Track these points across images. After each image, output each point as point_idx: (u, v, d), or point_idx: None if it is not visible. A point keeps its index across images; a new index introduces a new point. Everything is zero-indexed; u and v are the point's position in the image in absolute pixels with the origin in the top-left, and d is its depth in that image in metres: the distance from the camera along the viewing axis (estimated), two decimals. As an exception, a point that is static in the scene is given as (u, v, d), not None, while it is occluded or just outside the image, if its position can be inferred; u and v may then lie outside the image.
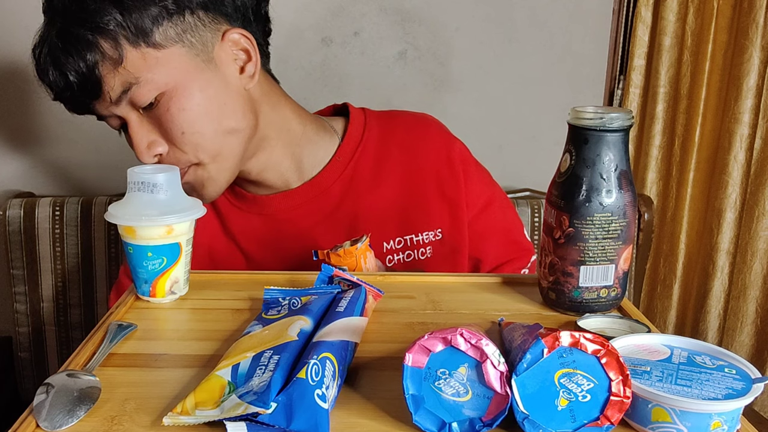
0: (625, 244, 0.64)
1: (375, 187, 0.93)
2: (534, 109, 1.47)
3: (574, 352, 0.45)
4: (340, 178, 0.92)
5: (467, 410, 0.45)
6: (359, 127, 0.95)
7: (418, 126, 0.97)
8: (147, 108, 0.78)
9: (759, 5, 1.36)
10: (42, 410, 0.47)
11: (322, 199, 0.92)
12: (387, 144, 0.94)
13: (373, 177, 0.93)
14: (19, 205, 1.26)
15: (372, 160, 0.93)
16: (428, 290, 0.72)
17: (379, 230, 0.90)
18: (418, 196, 0.93)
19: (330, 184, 0.92)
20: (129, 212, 0.65)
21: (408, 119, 0.98)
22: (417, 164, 0.94)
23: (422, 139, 0.95)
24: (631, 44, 1.48)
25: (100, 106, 0.80)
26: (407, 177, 0.93)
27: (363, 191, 0.92)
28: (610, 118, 0.61)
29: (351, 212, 0.92)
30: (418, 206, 0.93)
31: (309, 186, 0.92)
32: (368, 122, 0.95)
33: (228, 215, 0.93)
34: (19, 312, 1.29)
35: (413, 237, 0.92)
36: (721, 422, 0.45)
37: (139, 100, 0.77)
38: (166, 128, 0.79)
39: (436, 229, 0.93)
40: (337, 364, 0.49)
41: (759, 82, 1.41)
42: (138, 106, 0.78)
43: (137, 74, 0.76)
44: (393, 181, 0.93)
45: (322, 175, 0.92)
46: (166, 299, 0.68)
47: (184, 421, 0.46)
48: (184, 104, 0.78)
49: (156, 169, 0.68)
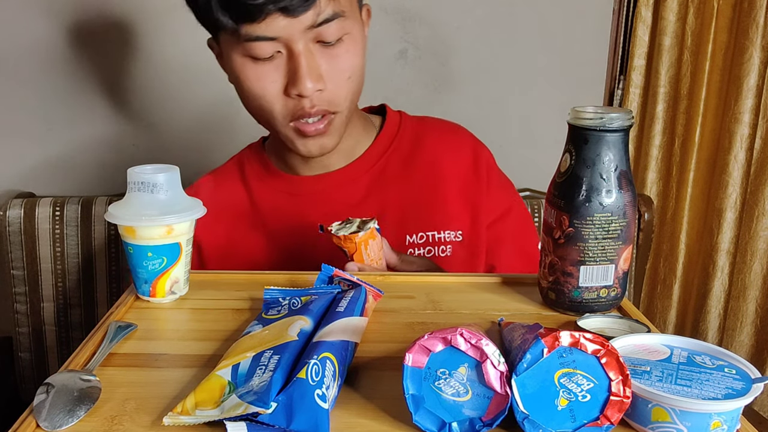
0: (625, 244, 0.64)
1: (402, 183, 0.96)
2: (534, 109, 1.47)
3: (574, 352, 0.45)
4: (371, 170, 0.97)
5: (467, 410, 0.45)
6: (394, 126, 1.00)
7: (449, 131, 1.02)
8: (326, 44, 0.82)
9: (759, 5, 1.36)
10: (42, 410, 0.47)
11: (351, 187, 0.95)
12: (418, 144, 0.99)
13: (402, 173, 0.97)
14: (19, 205, 1.26)
15: (403, 157, 0.98)
16: (428, 290, 0.72)
17: (402, 223, 0.93)
18: (443, 196, 0.97)
19: (361, 174, 0.96)
20: (129, 212, 0.65)
21: (440, 124, 1.03)
22: (444, 166, 0.98)
23: (452, 143, 1.00)
24: (631, 44, 1.48)
25: (285, 23, 0.79)
26: (434, 177, 0.97)
27: (391, 185, 0.96)
28: (610, 118, 0.61)
29: (377, 203, 0.95)
30: (442, 205, 0.96)
31: (342, 173, 0.96)
32: (403, 123, 1.01)
33: (257, 191, 0.97)
34: (19, 312, 1.29)
35: (435, 234, 0.95)
36: (720, 422, 0.45)
37: (330, 34, 0.81)
38: (336, 68, 0.83)
39: (457, 230, 0.96)
40: (337, 364, 0.49)
41: (759, 82, 1.41)
42: (322, 39, 0.81)
43: (345, 9, 0.81)
44: (420, 179, 0.97)
45: (356, 165, 0.96)
46: (166, 299, 0.68)
47: (184, 421, 0.46)
48: (358, 50, 0.85)
49: (156, 169, 0.68)
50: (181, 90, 1.40)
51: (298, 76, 0.81)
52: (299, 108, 0.83)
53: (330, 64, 0.83)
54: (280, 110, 0.85)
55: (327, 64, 0.83)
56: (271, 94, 0.83)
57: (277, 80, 0.83)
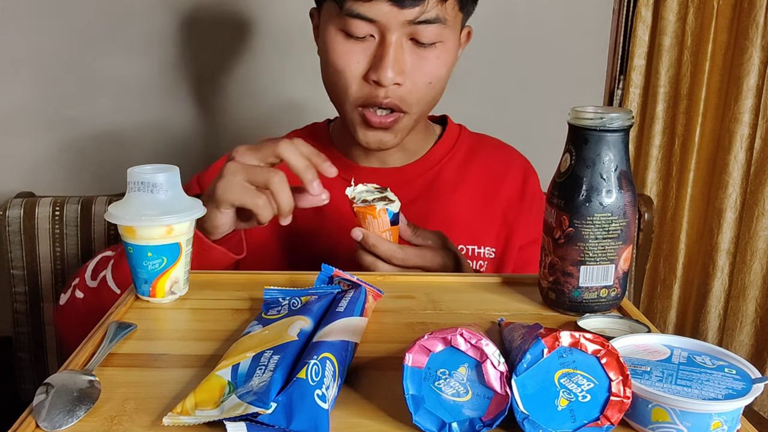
0: (625, 244, 0.64)
1: (452, 193, 0.98)
2: (534, 109, 1.47)
3: (574, 352, 0.45)
4: (424, 175, 0.99)
5: (467, 410, 0.45)
6: (454, 136, 1.03)
7: (503, 151, 1.05)
8: (420, 44, 0.83)
9: (759, 5, 1.36)
10: (42, 410, 0.47)
11: (404, 188, 0.95)
12: (473, 159, 1.02)
13: (453, 184, 0.99)
14: (19, 205, 1.26)
15: (456, 168, 1.00)
16: (428, 290, 0.72)
17: (446, 233, 0.93)
18: (488, 213, 0.99)
19: (415, 177, 0.98)
20: (129, 212, 0.65)
21: (496, 143, 1.07)
22: (493, 184, 1.01)
23: (504, 163, 1.03)
24: (631, 44, 1.48)
25: (388, 10, 0.80)
26: (482, 193, 0.99)
27: (441, 193, 0.98)
28: (610, 118, 0.61)
29: (424, 209, 0.96)
30: (486, 222, 0.98)
31: (397, 171, 0.98)
32: (462, 134, 1.03)
33: None
34: (19, 312, 1.29)
35: (475, 248, 0.97)
36: (721, 422, 0.45)
37: (427, 36, 0.83)
38: (421, 71, 0.85)
39: (492, 248, 0.98)
40: (337, 364, 0.49)
41: (759, 82, 1.41)
42: (417, 38, 0.83)
43: (448, 19, 0.83)
44: (469, 192, 0.99)
45: (412, 167, 0.99)
46: (166, 299, 0.68)
47: (184, 421, 0.46)
48: (448, 61, 0.87)
49: (156, 169, 0.68)
50: (184, 89, 1.40)
51: (382, 63, 0.82)
52: (373, 96, 0.84)
53: (416, 64, 0.84)
54: (354, 92, 0.86)
55: (413, 63, 0.84)
56: (351, 73, 0.85)
57: (361, 62, 0.84)
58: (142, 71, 1.38)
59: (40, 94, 1.38)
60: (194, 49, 1.38)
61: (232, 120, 1.42)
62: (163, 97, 1.40)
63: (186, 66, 1.38)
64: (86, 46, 1.36)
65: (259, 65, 1.41)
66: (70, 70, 1.36)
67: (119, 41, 1.36)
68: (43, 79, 1.37)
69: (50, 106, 1.38)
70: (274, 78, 1.41)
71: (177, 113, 1.41)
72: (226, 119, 1.43)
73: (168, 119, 1.41)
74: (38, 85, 1.37)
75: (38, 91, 1.37)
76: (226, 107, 1.42)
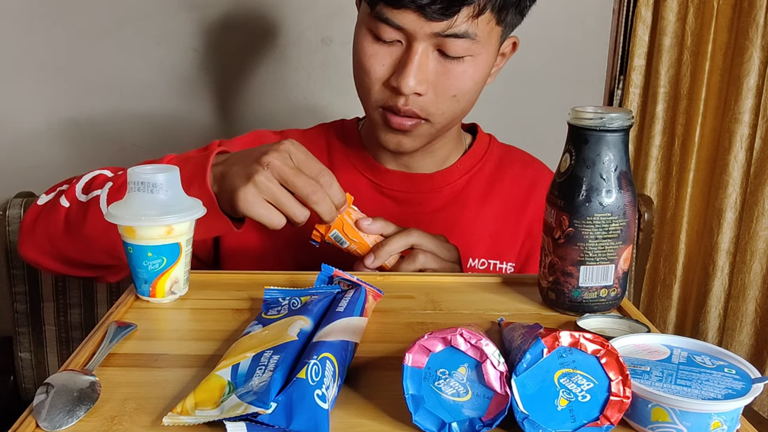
0: (625, 244, 0.64)
1: (479, 206, 0.97)
2: (534, 109, 1.47)
3: (573, 352, 0.45)
4: (452, 185, 0.97)
5: (467, 410, 0.45)
6: (483, 146, 1.01)
7: (533, 166, 1.03)
8: (446, 57, 0.82)
9: (759, 5, 1.36)
10: (42, 410, 0.47)
11: (430, 196, 0.96)
12: (502, 171, 1.00)
13: (481, 195, 0.98)
14: (19, 205, 1.26)
15: (485, 180, 0.99)
16: (428, 290, 0.72)
17: (468, 246, 0.93)
18: (513, 229, 0.98)
19: (443, 186, 0.97)
20: (129, 212, 0.65)
21: (525, 157, 1.05)
22: (521, 199, 0.99)
23: (533, 178, 1.01)
24: (631, 44, 1.48)
25: (415, 19, 0.79)
26: (509, 207, 0.98)
27: (467, 205, 0.97)
28: (610, 118, 0.61)
29: (449, 219, 0.95)
30: (510, 238, 0.97)
31: (425, 178, 0.96)
32: (492, 145, 1.02)
33: (338, 162, 0.97)
34: (19, 312, 1.29)
35: (497, 263, 0.96)
36: (720, 422, 0.45)
37: (453, 50, 0.81)
38: (445, 83, 0.83)
39: (513, 263, 0.97)
40: (337, 364, 0.49)
41: (759, 82, 1.41)
42: (443, 50, 0.81)
43: (479, 34, 0.81)
44: (496, 206, 0.98)
45: (440, 175, 0.97)
46: (166, 299, 0.68)
47: (183, 421, 0.46)
48: (476, 76, 0.84)
49: (156, 169, 0.68)
50: (184, 90, 1.40)
51: (404, 71, 0.81)
52: (392, 102, 0.84)
53: (440, 76, 0.83)
54: (375, 94, 0.85)
55: (437, 74, 0.83)
56: (375, 75, 0.84)
57: (386, 66, 0.83)
58: (143, 71, 1.38)
59: (40, 94, 1.38)
60: (194, 50, 1.38)
61: (233, 120, 1.42)
62: (164, 97, 1.40)
63: (186, 66, 1.38)
64: (86, 46, 1.36)
65: (259, 65, 1.41)
66: (70, 70, 1.36)
67: (119, 41, 1.36)
68: (43, 79, 1.37)
69: (50, 106, 1.38)
70: (275, 78, 1.41)
71: (177, 113, 1.41)
72: (226, 120, 1.43)
73: (168, 119, 1.41)
74: (38, 85, 1.37)
75: (38, 91, 1.37)
76: (226, 108, 1.42)
